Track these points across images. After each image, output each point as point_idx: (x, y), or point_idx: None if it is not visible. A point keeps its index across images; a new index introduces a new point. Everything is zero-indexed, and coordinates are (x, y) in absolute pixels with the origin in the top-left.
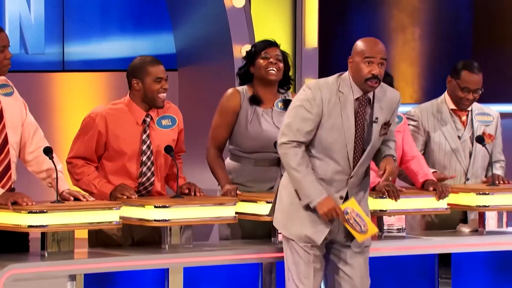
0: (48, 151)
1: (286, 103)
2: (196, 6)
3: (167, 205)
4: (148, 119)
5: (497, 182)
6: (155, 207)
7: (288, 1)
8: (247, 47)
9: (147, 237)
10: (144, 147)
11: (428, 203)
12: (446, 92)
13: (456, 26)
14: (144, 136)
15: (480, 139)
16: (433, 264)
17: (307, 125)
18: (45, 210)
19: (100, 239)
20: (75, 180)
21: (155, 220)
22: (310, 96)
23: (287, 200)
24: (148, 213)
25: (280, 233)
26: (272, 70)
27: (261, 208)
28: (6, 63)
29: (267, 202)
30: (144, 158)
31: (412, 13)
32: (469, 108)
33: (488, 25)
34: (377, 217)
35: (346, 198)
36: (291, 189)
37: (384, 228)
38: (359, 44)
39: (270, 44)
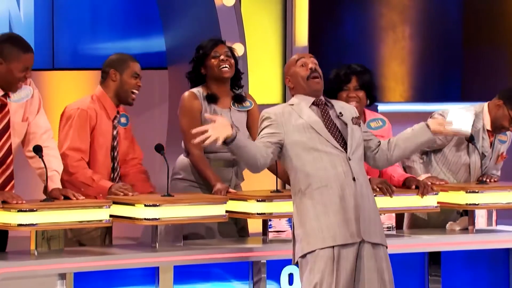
0: (37, 150)
1: (238, 99)
2: (186, 4)
3: (157, 204)
4: (118, 116)
5: (484, 179)
6: (145, 205)
7: (279, 0)
8: (238, 45)
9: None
10: (115, 143)
11: (418, 201)
12: (486, 108)
13: (446, 25)
14: (114, 132)
15: (471, 138)
16: (423, 262)
17: (270, 136)
18: (35, 209)
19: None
20: (69, 173)
21: (145, 219)
22: (267, 120)
23: (312, 215)
24: (138, 211)
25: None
26: (225, 67)
27: (251, 207)
28: (22, 82)
29: (257, 201)
30: (115, 153)
31: (402, 11)
32: None
33: (477, 23)
34: None
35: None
36: (308, 205)
37: None
38: (289, 61)
39: (217, 42)
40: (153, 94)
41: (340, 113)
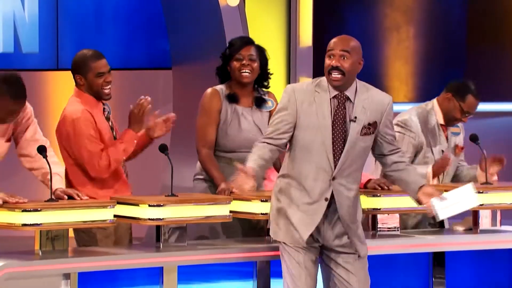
0: (42, 150)
1: (259, 101)
2: (190, 4)
3: (161, 204)
4: (106, 107)
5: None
6: (149, 206)
7: (283, 0)
8: None
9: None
10: (114, 133)
11: None
12: (436, 103)
13: (450, 25)
14: (110, 124)
15: (474, 138)
16: (427, 262)
17: (283, 125)
18: (39, 209)
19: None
20: (114, 162)
21: (149, 219)
22: (285, 100)
23: (275, 206)
24: (142, 212)
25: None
26: (245, 72)
27: (255, 207)
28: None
29: (261, 201)
30: None
31: (406, 12)
32: None
33: (481, 24)
34: (371, 215)
35: (332, 199)
36: (279, 195)
37: (378, 226)
38: (330, 42)
39: (244, 43)
40: (158, 94)
41: (355, 117)
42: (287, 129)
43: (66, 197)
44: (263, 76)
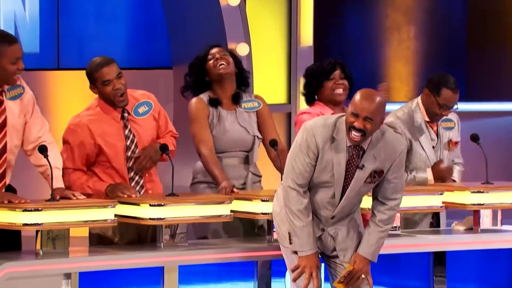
0: (42, 150)
1: (235, 98)
2: (191, 4)
3: (162, 204)
4: (126, 114)
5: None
6: (150, 205)
7: (283, 0)
8: (243, 45)
9: (144, 236)
10: (128, 142)
11: (423, 201)
12: (420, 100)
13: (450, 25)
14: (126, 132)
15: (475, 138)
16: (427, 262)
17: (307, 169)
18: (40, 208)
19: (98, 237)
20: (76, 188)
21: (150, 219)
22: (304, 142)
23: (277, 210)
24: (143, 211)
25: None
26: (221, 64)
27: (256, 206)
28: (18, 74)
29: (262, 201)
30: (129, 153)
31: (407, 12)
32: None
33: (481, 24)
34: None
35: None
36: (281, 202)
37: None
38: (355, 95)
39: (212, 46)
40: (158, 94)
41: (363, 165)
42: (311, 171)
43: (58, 197)
44: (240, 74)
